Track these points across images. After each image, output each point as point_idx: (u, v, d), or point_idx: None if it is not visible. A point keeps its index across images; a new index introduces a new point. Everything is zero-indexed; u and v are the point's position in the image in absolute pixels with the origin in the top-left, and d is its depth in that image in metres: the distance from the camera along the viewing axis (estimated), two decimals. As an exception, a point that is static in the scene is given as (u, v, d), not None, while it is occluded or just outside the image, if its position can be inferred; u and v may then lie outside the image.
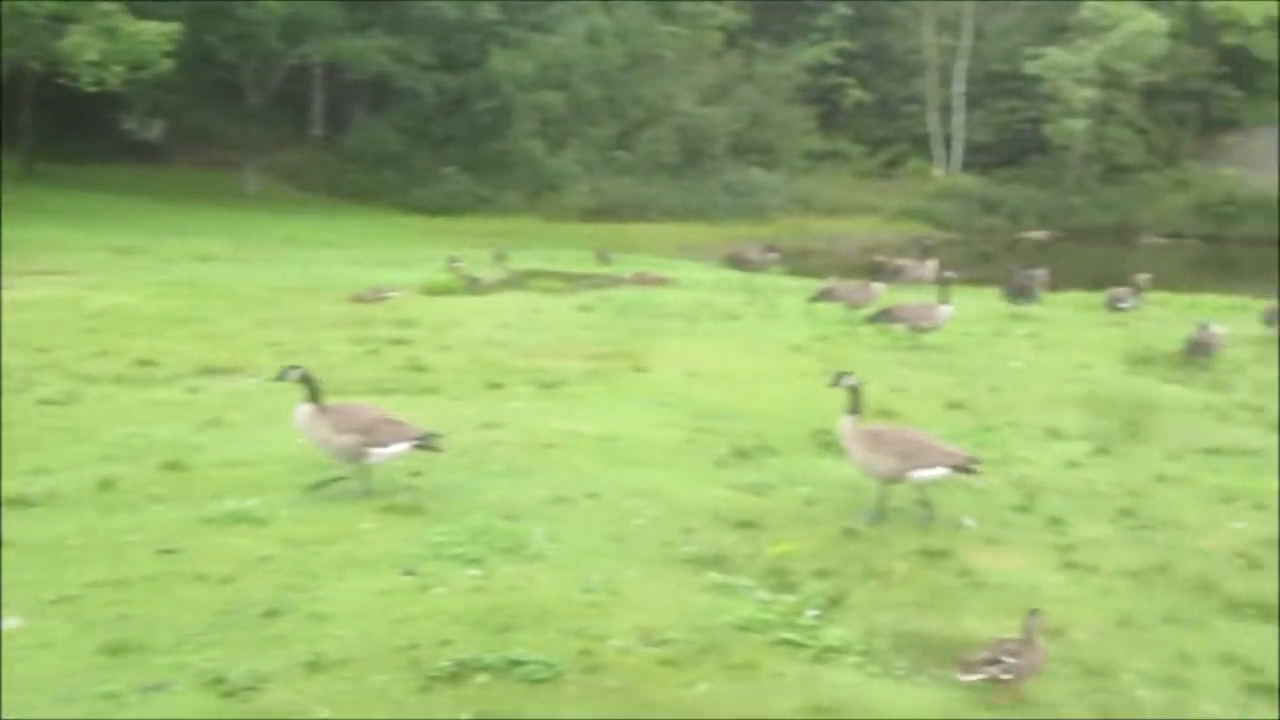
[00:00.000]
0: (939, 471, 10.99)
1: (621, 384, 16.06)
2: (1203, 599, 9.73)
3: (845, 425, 11.10)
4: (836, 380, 11.31)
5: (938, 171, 68.56)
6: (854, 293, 21.43)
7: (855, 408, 11.08)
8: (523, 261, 32.93)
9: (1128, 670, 8.32)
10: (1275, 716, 7.92)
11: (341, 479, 10.91)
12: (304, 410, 10.83)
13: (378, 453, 10.74)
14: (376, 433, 10.73)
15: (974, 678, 7.71)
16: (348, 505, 10.51)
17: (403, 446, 10.84)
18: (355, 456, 10.73)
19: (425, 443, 10.92)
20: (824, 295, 21.77)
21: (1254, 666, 8.52)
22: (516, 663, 7.61)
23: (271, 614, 8.22)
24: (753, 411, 14.58)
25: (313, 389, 10.85)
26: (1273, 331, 21.81)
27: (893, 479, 10.95)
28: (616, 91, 56.63)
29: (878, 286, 21.74)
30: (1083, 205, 65.60)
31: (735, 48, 64.75)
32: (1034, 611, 8.11)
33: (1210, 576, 10.13)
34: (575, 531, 10.07)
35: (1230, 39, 69.30)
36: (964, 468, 11.08)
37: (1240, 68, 70.71)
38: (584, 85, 55.31)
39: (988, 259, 46.06)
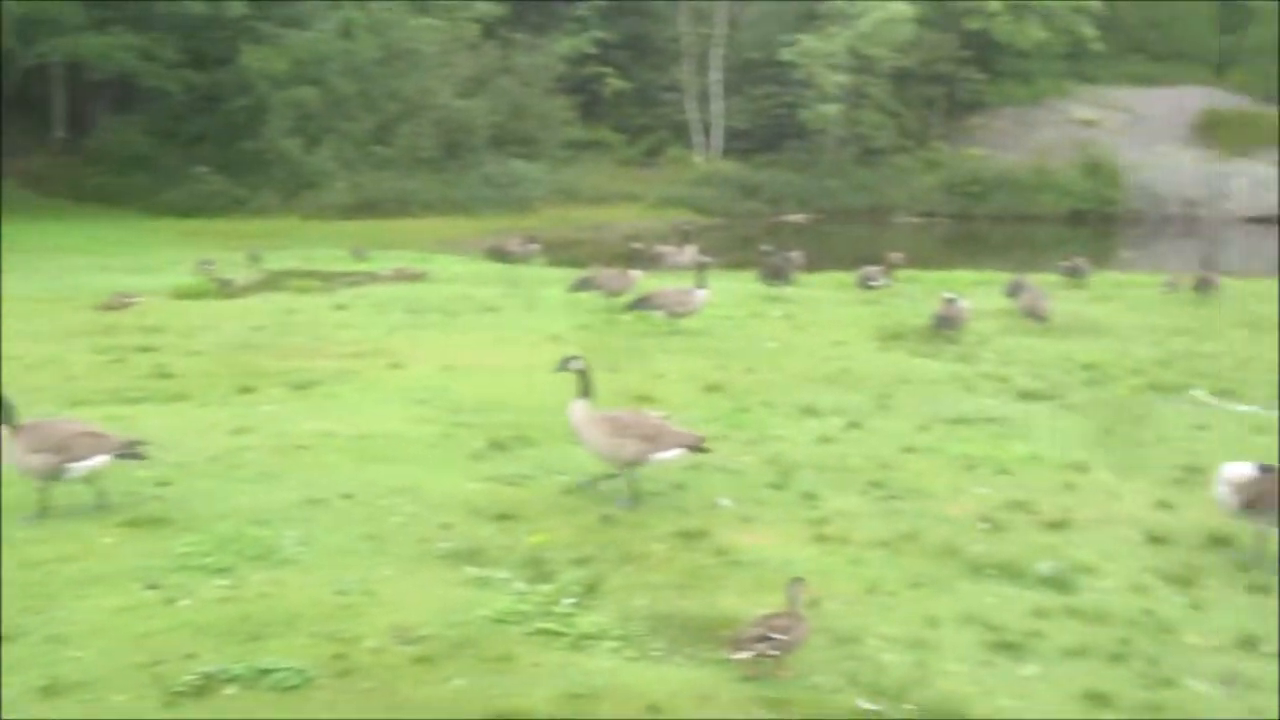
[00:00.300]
0: (676, 452, 11.10)
1: (377, 381, 15.84)
2: (948, 563, 10.04)
3: (577, 410, 11.08)
4: (563, 365, 11.29)
5: (698, 158, 69.37)
6: (613, 280, 21.53)
7: (586, 391, 11.09)
8: (279, 261, 32.22)
9: (875, 636, 8.53)
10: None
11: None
12: None
13: (75, 468, 10.25)
14: (72, 448, 10.22)
15: (745, 655, 7.81)
16: (88, 521, 10.11)
17: (103, 459, 10.35)
18: (52, 475, 10.23)
19: (128, 452, 10.50)
20: (583, 284, 21.83)
21: (995, 625, 8.81)
22: (266, 671, 7.45)
23: (5, 640, 7.86)
24: (510, 403, 14.53)
25: (6, 412, 10.34)
26: (1015, 303, 22.64)
27: (635, 462, 10.99)
28: (372, 86, 55.71)
29: (636, 274, 21.89)
30: (839, 187, 67.07)
31: (492, 39, 64.31)
32: (797, 580, 8.26)
33: (955, 541, 10.47)
34: (329, 533, 9.91)
35: (973, 24, 71.84)
36: (696, 447, 11.23)
37: (983, 51, 73.29)
38: (339, 80, 54.27)
39: (749, 243, 46.71)
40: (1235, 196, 71.14)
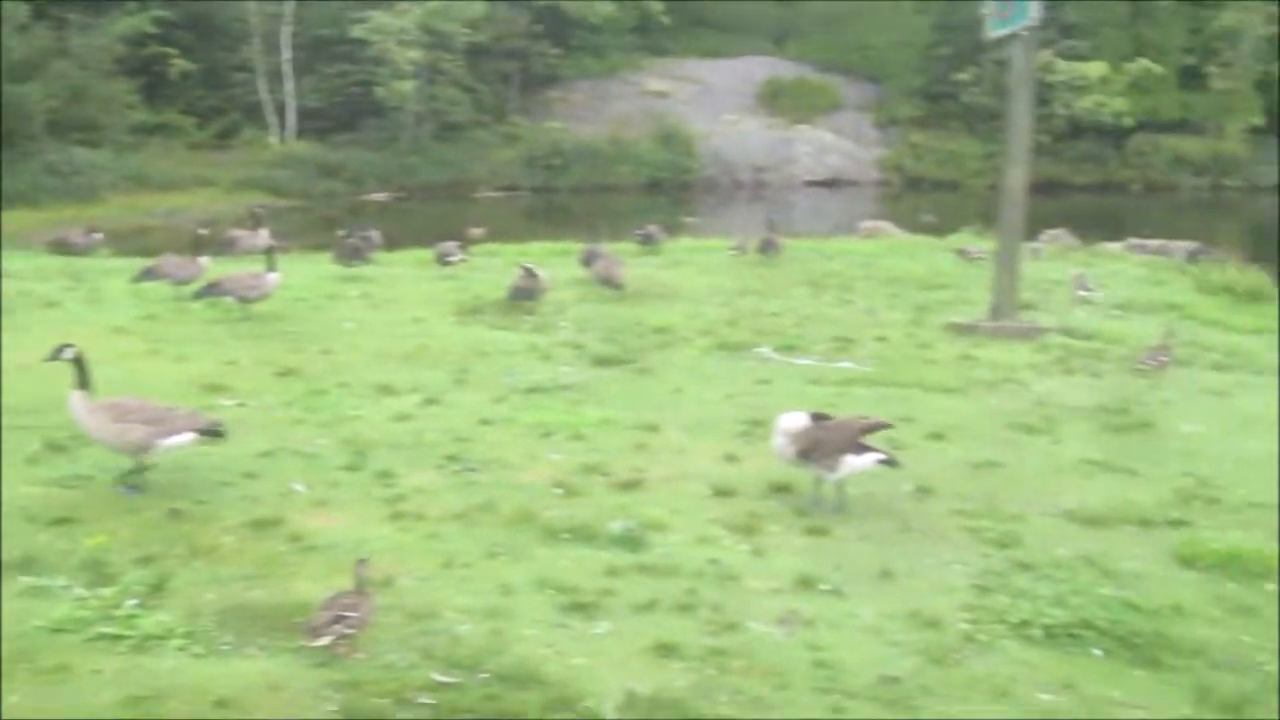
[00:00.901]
0: (187, 437, 10.80)
1: (-80, 390, 14.72)
2: (523, 531, 10.16)
3: (75, 401, 10.62)
4: (55, 354, 10.82)
5: (273, 139, 67.67)
6: (180, 268, 20.68)
7: (84, 382, 10.66)
8: None
9: (451, 609, 8.56)
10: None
11: None
12: None
13: None
14: None
15: (324, 641, 7.69)
16: None
17: None
18: None
19: None
20: (148, 274, 20.87)
21: (569, 588, 8.99)
22: None
23: None
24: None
25: None
26: (590, 272, 23.09)
27: (142, 449, 10.63)
28: (-89, 72, 51.77)
29: (205, 260, 21.11)
30: (420, 164, 66.85)
31: (44, 20, 60.77)
32: (361, 560, 8.20)
33: (530, 508, 10.61)
34: None
35: (544, -1, 72.92)
36: (211, 431, 10.99)
37: (555, 26, 74.42)
38: None
39: (330, 224, 46.03)
40: (799, 161, 74.99)
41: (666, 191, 68.56)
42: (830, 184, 73.26)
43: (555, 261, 25.92)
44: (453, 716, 7.19)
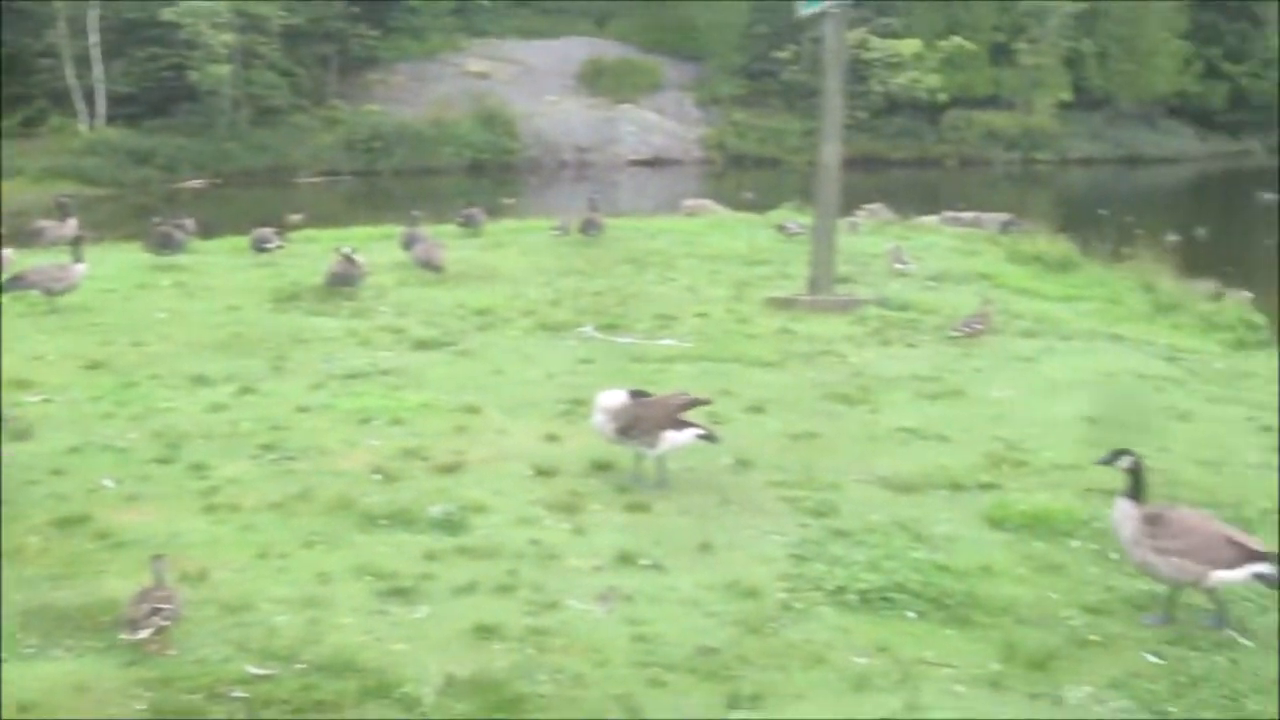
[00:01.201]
0: None
1: None
2: (341, 518, 10.05)
3: None
4: None
5: (82, 126, 65.52)
6: (-19, 261, 20.03)
7: None
8: None
9: (267, 600, 8.44)
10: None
11: None
12: None
13: None
14: None
15: (145, 633, 7.55)
16: None
17: None
18: None
19: None
20: (-52, 268, 20.17)
21: (387, 573, 8.93)
22: None
23: None
24: None
25: None
26: (410, 256, 22.85)
27: None
28: None
29: (8, 253, 20.46)
30: (237, 150, 65.43)
31: None
32: (158, 556, 8.05)
33: (348, 495, 10.50)
34: None
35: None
36: None
37: (373, 8, 73.40)
38: None
39: (145, 212, 44.80)
40: (622, 141, 75.19)
41: (489, 173, 68.17)
42: (653, 163, 73.58)
43: (376, 246, 25.59)
44: (266, 709, 7.08)
